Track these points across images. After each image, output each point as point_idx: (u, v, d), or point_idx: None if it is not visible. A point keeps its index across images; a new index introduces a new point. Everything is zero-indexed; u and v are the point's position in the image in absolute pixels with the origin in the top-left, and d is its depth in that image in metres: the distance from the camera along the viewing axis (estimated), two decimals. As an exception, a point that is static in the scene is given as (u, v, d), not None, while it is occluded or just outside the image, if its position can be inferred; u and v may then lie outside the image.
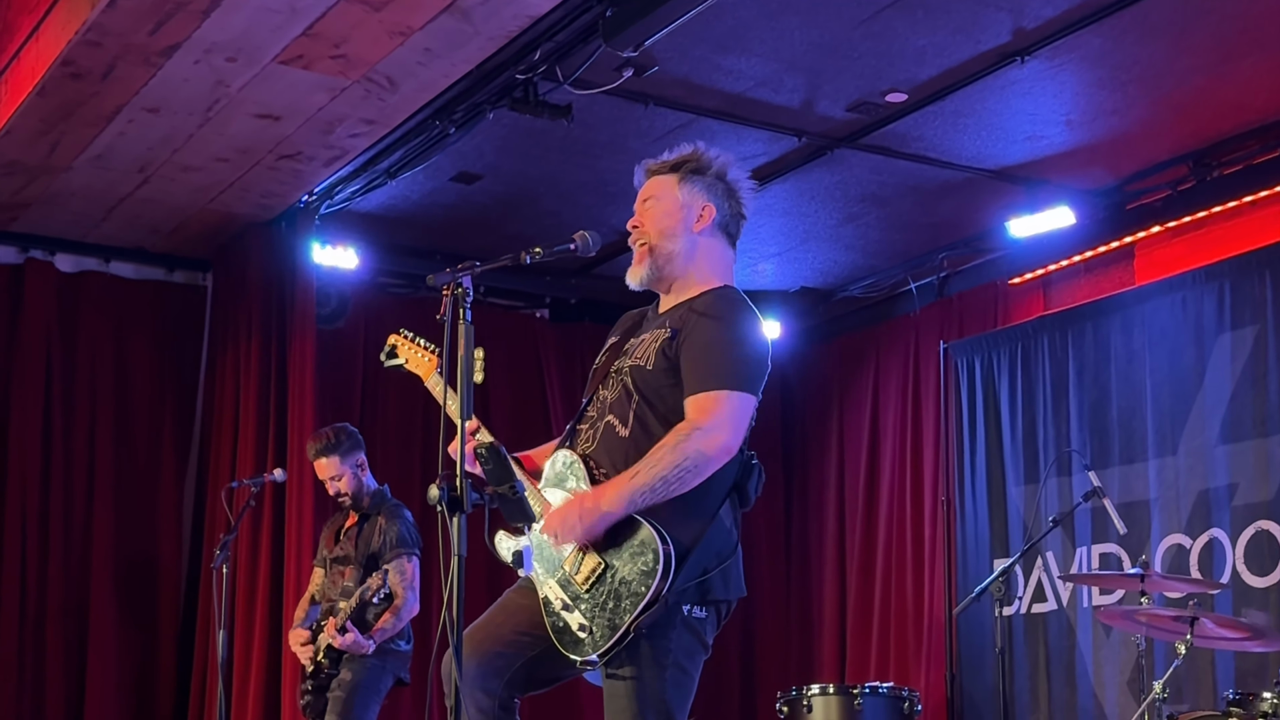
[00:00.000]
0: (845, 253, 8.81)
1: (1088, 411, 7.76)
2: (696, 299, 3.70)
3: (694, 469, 3.46)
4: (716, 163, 3.81)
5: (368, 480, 6.58)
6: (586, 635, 3.48)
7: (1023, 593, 7.93)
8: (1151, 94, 6.75)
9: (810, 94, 6.81)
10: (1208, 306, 7.25)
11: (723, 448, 3.50)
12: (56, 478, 8.07)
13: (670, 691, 3.48)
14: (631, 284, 3.81)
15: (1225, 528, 7.03)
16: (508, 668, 3.60)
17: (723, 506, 3.57)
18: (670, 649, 3.47)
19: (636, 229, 3.79)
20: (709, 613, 3.55)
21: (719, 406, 3.51)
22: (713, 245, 3.79)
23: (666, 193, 3.77)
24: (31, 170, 7.33)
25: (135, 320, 8.44)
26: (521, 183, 7.79)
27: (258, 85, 6.42)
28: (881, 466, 9.18)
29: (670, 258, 3.74)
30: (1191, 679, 6.87)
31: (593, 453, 3.64)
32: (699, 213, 3.76)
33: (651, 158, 3.86)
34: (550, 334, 9.41)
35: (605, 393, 3.71)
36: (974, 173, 7.65)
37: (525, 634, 3.62)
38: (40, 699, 7.85)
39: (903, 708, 6.63)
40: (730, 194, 3.82)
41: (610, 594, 3.46)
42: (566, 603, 3.53)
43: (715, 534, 3.53)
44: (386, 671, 6.39)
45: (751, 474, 3.65)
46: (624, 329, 3.88)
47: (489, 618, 3.70)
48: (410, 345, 4.05)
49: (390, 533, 6.41)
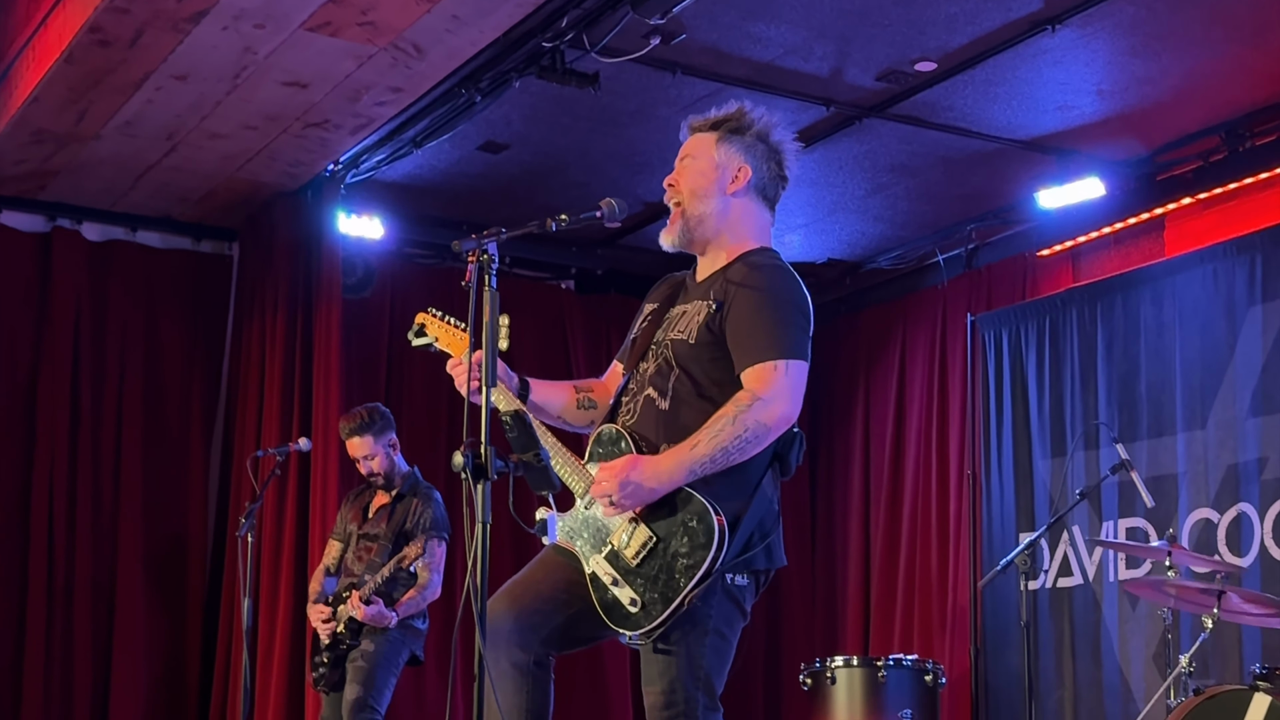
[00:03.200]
0: (873, 224, 8.77)
1: (1116, 384, 7.72)
2: (732, 268, 3.63)
3: (754, 439, 3.43)
4: (760, 123, 3.72)
5: (399, 461, 6.64)
6: (639, 610, 3.44)
7: (1048, 567, 7.90)
8: (1184, 63, 6.69)
9: (839, 62, 6.76)
10: (1239, 279, 7.19)
11: (782, 417, 3.46)
12: (84, 446, 8.10)
13: (710, 658, 3.46)
14: (665, 246, 3.73)
15: (1254, 502, 6.98)
16: (545, 624, 3.57)
17: (765, 476, 3.53)
18: (711, 615, 3.45)
19: (671, 187, 3.72)
20: (750, 581, 3.52)
21: (777, 376, 3.46)
22: (748, 207, 3.70)
23: (703, 152, 3.69)
24: (59, 138, 7.33)
25: (162, 290, 8.46)
26: (548, 152, 7.76)
27: (285, 52, 6.41)
28: (907, 439, 9.15)
29: (701, 219, 3.67)
30: (1218, 653, 6.83)
31: (633, 425, 3.61)
32: (734, 174, 3.67)
33: (692, 118, 3.76)
34: (576, 305, 9.39)
35: (646, 365, 3.66)
36: (1004, 143, 7.59)
37: (564, 591, 3.58)
38: (69, 668, 7.90)
39: (926, 680, 6.63)
40: (771, 156, 3.72)
41: (662, 568, 3.43)
42: (616, 578, 3.49)
43: (759, 505, 3.50)
44: (405, 647, 6.45)
45: (793, 443, 3.59)
46: (662, 296, 3.81)
47: (528, 574, 3.67)
48: (440, 324, 3.87)
49: (424, 515, 6.47)
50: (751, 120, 3.72)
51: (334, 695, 6.44)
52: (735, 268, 3.62)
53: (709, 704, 3.48)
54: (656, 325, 3.72)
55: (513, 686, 3.53)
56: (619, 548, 3.51)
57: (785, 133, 3.77)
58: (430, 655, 7.24)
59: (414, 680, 8.03)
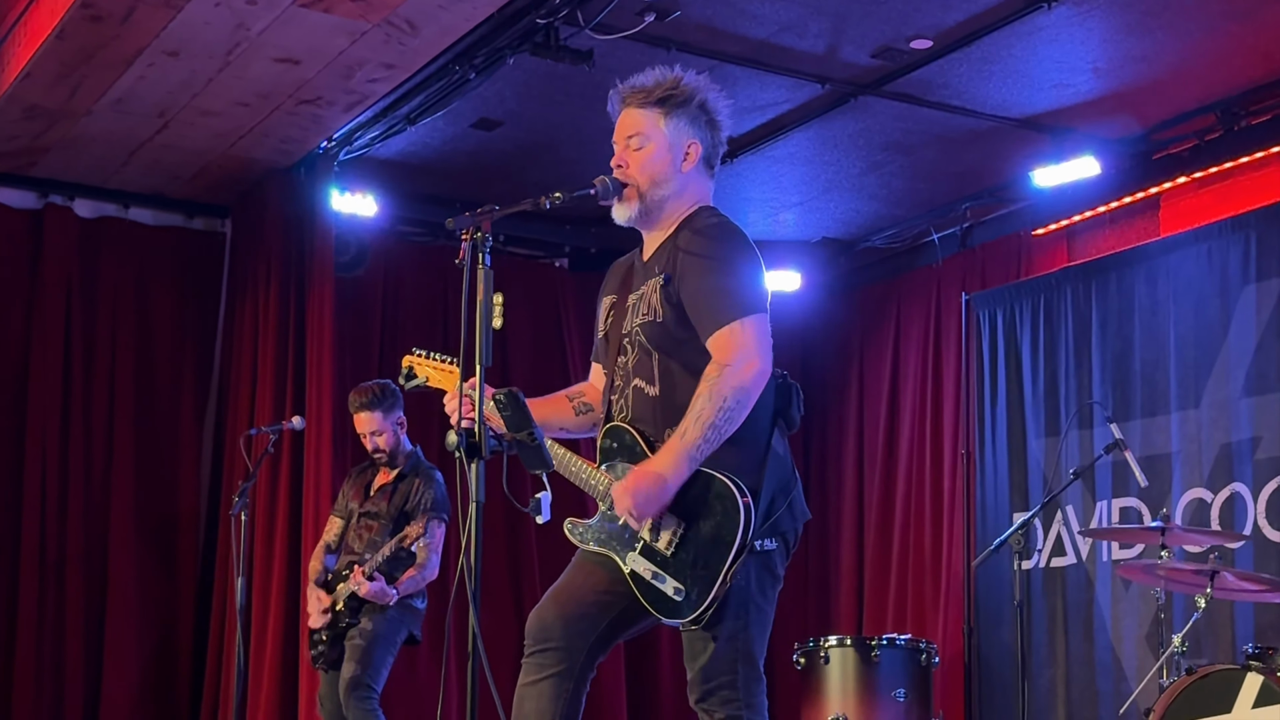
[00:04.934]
0: (868, 202, 8.75)
1: (1110, 364, 7.71)
2: (679, 234, 3.64)
3: (738, 404, 3.44)
4: (698, 93, 3.70)
5: (405, 440, 6.64)
6: (684, 599, 3.44)
7: (1042, 546, 7.91)
8: (1180, 41, 6.67)
9: (834, 40, 6.74)
10: (1233, 258, 7.19)
11: (757, 374, 3.47)
12: (76, 424, 8.08)
13: (753, 629, 3.49)
14: (617, 219, 3.72)
15: (1247, 482, 6.98)
16: (592, 629, 3.57)
17: (772, 435, 3.55)
18: (748, 588, 3.46)
19: (621, 169, 3.68)
20: (778, 544, 3.54)
21: (738, 337, 3.47)
22: (696, 179, 3.71)
23: (653, 132, 3.66)
24: (51, 115, 7.30)
25: (154, 267, 8.43)
26: (542, 129, 7.73)
27: (278, 28, 6.37)
28: (901, 418, 9.15)
29: (661, 202, 3.67)
30: (1210, 633, 6.84)
31: (630, 421, 3.61)
32: (685, 150, 3.68)
33: (625, 89, 3.71)
34: (570, 283, 9.38)
35: (624, 359, 3.66)
36: (999, 121, 7.57)
37: (606, 593, 3.59)
38: (60, 646, 7.89)
39: (920, 660, 6.63)
40: (711, 124, 3.72)
41: (699, 552, 3.43)
42: (656, 571, 3.49)
43: (774, 466, 3.52)
44: (403, 626, 6.46)
45: (791, 396, 3.62)
46: (616, 285, 3.83)
47: (569, 579, 3.66)
48: (428, 363, 3.88)
49: (425, 496, 6.47)
50: (691, 90, 3.70)
51: (332, 674, 6.45)
52: (682, 234, 3.64)
53: (751, 674, 3.50)
54: (621, 316, 3.72)
55: (553, 692, 3.53)
56: (652, 541, 3.51)
57: (716, 95, 3.74)
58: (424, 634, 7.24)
59: (407, 659, 8.02)
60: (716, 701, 3.48)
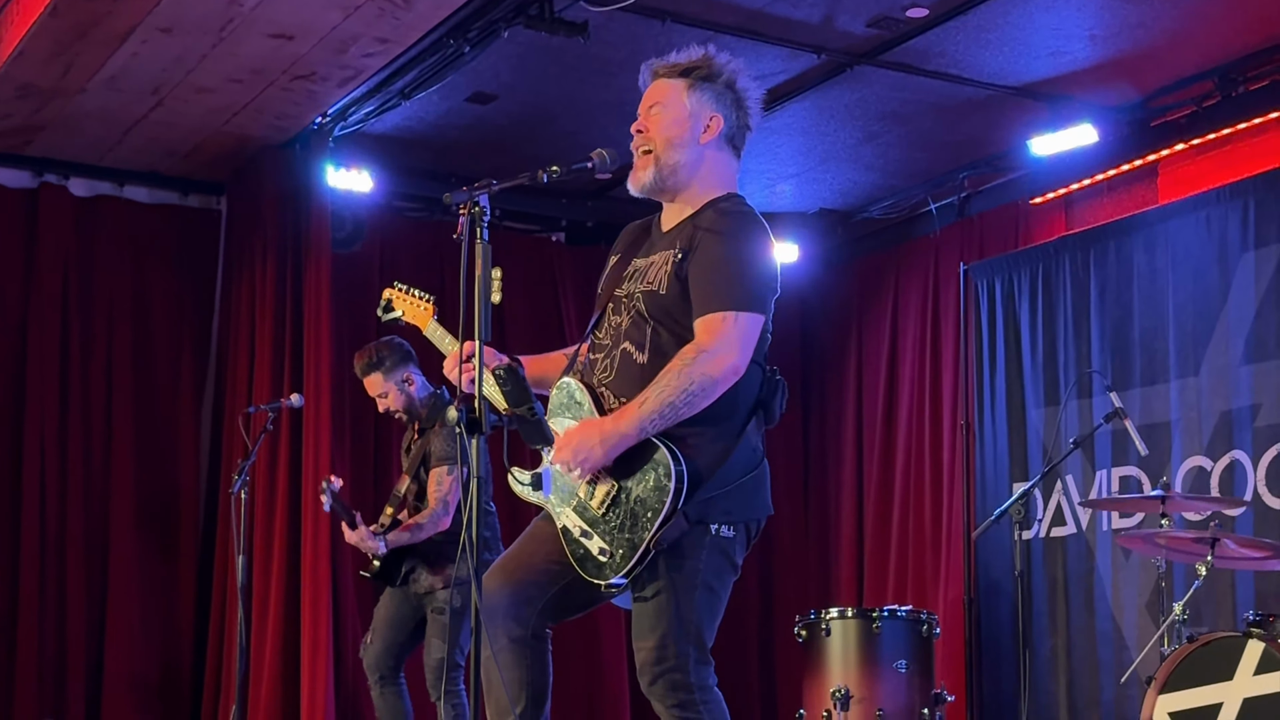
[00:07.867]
0: (865, 173, 8.73)
1: (1109, 332, 7.71)
2: (702, 214, 3.63)
3: (701, 392, 3.44)
4: (727, 71, 3.70)
5: (417, 393, 6.40)
6: (608, 559, 3.47)
7: (1042, 516, 7.91)
8: (1177, 7, 6.64)
9: (830, 9, 6.70)
10: (1232, 225, 7.17)
11: (729, 369, 3.46)
12: (74, 403, 8.07)
13: (700, 612, 3.48)
14: (633, 190, 3.73)
15: (1247, 449, 6.98)
16: (540, 596, 3.60)
17: (749, 425, 3.55)
18: (700, 569, 3.47)
19: (640, 134, 3.70)
20: (737, 532, 3.54)
21: (725, 327, 3.47)
22: (718, 157, 3.70)
23: (674, 100, 3.68)
24: (45, 93, 7.27)
25: (150, 244, 8.41)
26: (537, 102, 7.70)
27: (271, 4, 6.34)
28: (900, 389, 9.14)
29: (675, 169, 3.66)
30: (1211, 601, 6.85)
31: (611, 382, 3.60)
32: (706, 123, 3.67)
33: (655, 63, 3.74)
34: (566, 257, 9.36)
35: (617, 319, 3.65)
36: (996, 90, 7.55)
37: (556, 562, 3.60)
38: (62, 626, 7.89)
39: (921, 630, 6.63)
40: (738, 104, 3.71)
41: (627, 514, 3.46)
42: (585, 529, 3.52)
43: (741, 452, 3.51)
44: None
45: (776, 391, 3.62)
46: (626, 245, 3.81)
47: (520, 547, 3.69)
48: (405, 296, 4.00)
49: (433, 447, 6.28)
50: (719, 68, 3.70)
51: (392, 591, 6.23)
52: (705, 214, 3.62)
53: (700, 657, 3.50)
54: (622, 277, 3.71)
55: (512, 660, 3.56)
56: (585, 499, 3.54)
57: (750, 80, 3.75)
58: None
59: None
60: (666, 685, 3.47)
